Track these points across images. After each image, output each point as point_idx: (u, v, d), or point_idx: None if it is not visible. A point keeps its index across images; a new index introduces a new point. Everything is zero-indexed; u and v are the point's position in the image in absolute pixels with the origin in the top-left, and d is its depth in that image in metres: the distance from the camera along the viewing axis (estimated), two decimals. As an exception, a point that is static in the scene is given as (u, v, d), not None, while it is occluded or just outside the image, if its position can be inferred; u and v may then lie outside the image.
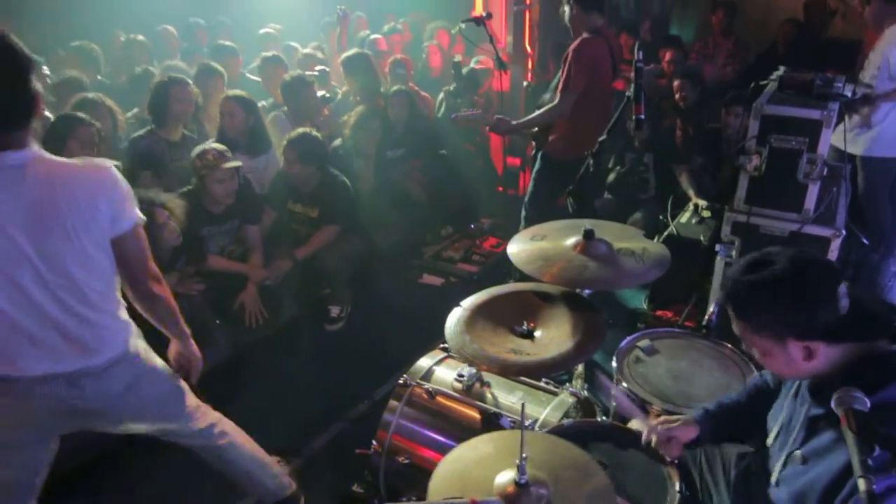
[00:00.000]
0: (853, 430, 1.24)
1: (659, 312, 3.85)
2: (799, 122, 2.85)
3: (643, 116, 2.54)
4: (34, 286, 1.77)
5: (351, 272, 3.96)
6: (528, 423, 1.90)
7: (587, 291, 2.58)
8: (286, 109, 4.40)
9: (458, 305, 2.35)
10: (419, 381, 2.43)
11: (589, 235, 2.33)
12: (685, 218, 4.00)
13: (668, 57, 5.41)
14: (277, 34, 6.01)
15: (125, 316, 2.02)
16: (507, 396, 2.37)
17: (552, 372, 2.40)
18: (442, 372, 2.49)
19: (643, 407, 2.14)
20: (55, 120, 3.23)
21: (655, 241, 3.15)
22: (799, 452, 1.53)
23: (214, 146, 3.38)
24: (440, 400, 2.37)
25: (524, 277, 2.42)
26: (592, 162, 2.93)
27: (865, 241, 3.47)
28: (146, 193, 2.80)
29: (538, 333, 2.23)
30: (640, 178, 4.48)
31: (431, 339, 2.89)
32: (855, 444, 1.22)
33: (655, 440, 1.86)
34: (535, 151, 4.09)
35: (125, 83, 4.76)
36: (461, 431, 2.24)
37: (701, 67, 5.66)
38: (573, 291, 2.41)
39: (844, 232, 2.94)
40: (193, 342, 2.23)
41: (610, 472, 1.76)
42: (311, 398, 3.37)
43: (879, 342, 1.44)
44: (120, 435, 2.12)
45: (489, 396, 2.36)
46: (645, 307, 3.94)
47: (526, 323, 2.25)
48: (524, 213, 4.10)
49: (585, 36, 3.67)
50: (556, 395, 2.41)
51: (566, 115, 3.69)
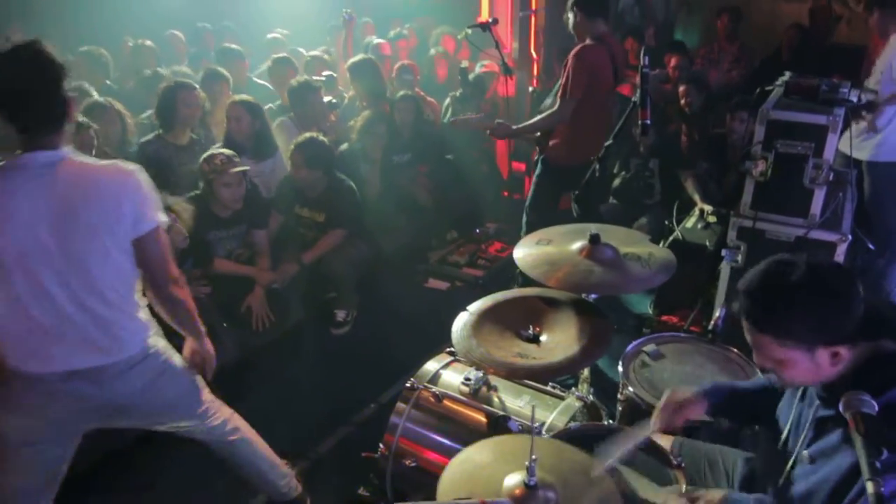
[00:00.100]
0: (861, 433, 1.25)
1: (664, 317, 3.86)
2: (805, 127, 2.86)
3: (649, 121, 2.56)
4: (55, 285, 1.82)
5: (357, 276, 3.98)
6: (535, 426, 1.91)
7: (593, 296, 2.59)
8: (293, 115, 4.42)
9: (464, 310, 2.36)
10: (426, 384, 2.43)
11: (595, 240, 2.34)
12: (690, 223, 4.01)
13: (673, 63, 5.41)
14: (284, 39, 6.04)
15: (145, 316, 2.06)
16: (513, 400, 2.37)
17: (559, 376, 2.42)
18: (449, 376, 2.50)
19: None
20: None
21: (661, 246, 3.16)
22: (806, 452, 1.53)
23: (222, 151, 3.41)
24: (447, 403, 2.38)
25: (527, 281, 2.43)
26: (598, 167, 2.95)
27: (871, 246, 3.46)
28: None
29: (544, 338, 2.24)
30: (645, 183, 4.49)
31: (437, 342, 2.91)
32: (863, 446, 1.22)
33: (661, 418, 1.85)
34: (537, 156, 4.11)
35: (133, 88, 4.79)
36: (468, 435, 2.24)
37: (706, 73, 5.66)
38: (579, 296, 2.42)
39: (850, 237, 2.95)
40: (208, 340, 2.28)
41: (616, 475, 1.77)
42: (317, 401, 3.38)
43: (883, 341, 1.45)
44: (132, 434, 2.14)
45: (496, 400, 2.37)
46: (650, 312, 3.94)
47: (532, 327, 2.26)
48: (525, 217, 4.12)
49: (586, 42, 3.67)
50: (562, 399, 2.42)
51: (566, 120, 3.70)
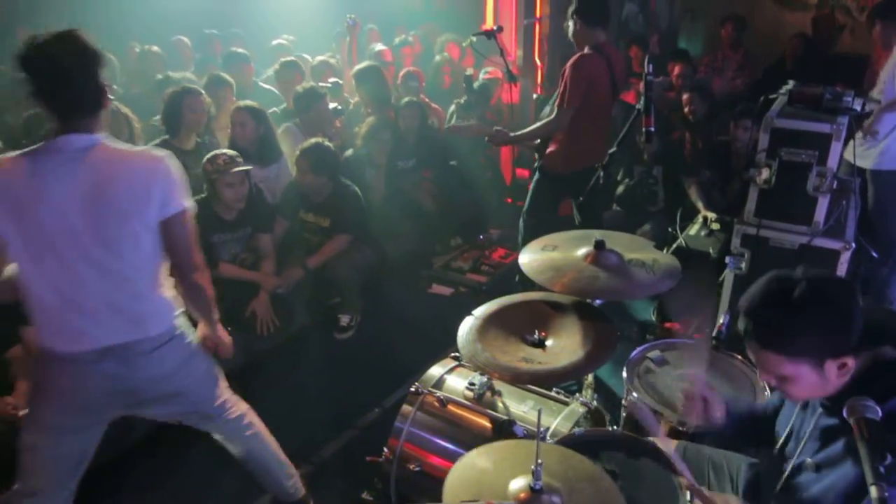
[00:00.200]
0: (865, 438, 1.26)
1: (667, 324, 3.86)
2: (809, 135, 2.88)
3: (653, 128, 2.58)
4: (86, 264, 1.88)
5: (361, 281, 3.99)
6: (540, 431, 1.91)
7: (598, 302, 2.60)
8: (298, 120, 4.45)
9: (469, 314, 2.37)
10: (431, 389, 2.44)
11: (600, 246, 2.36)
12: (694, 230, 4.01)
13: (676, 71, 5.44)
14: (290, 45, 6.08)
15: (171, 296, 2.11)
16: (518, 406, 2.38)
17: (564, 381, 2.42)
18: (453, 381, 2.50)
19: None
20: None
21: (664, 253, 3.17)
22: (812, 461, 1.54)
23: (225, 151, 3.42)
24: (451, 408, 2.38)
25: (526, 283, 2.44)
26: (602, 174, 2.97)
27: (874, 254, 3.47)
28: None
29: (549, 343, 2.25)
30: (649, 190, 4.51)
31: (441, 348, 2.92)
32: (867, 451, 1.23)
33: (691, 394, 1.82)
34: (535, 163, 4.13)
35: (143, 93, 4.81)
36: (472, 440, 2.24)
37: (710, 81, 5.69)
38: (584, 301, 2.43)
39: (854, 245, 2.96)
40: (221, 327, 2.34)
41: (621, 481, 1.78)
42: (321, 406, 3.38)
43: (885, 348, 1.46)
44: (137, 435, 2.16)
45: (500, 405, 2.37)
46: (653, 319, 3.95)
47: (537, 332, 2.27)
48: (521, 223, 4.15)
49: (584, 52, 3.67)
50: (566, 404, 2.42)
51: (563, 129, 3.71)
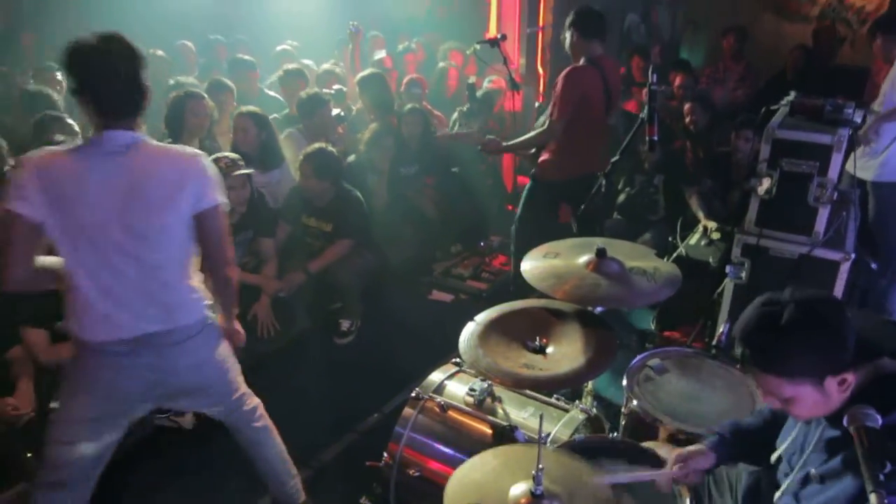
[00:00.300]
0: (865, 446, 1.27)
1: (667, 333, 3.87)
2: (810, 146, 2.90)
3: (656, 137, 2.60)
4: (123, 255, 1.95)
5: (362, 286, 4.00)
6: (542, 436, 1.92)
7: (599, 309, 2.61)
8: (301, 126, 4.47)
9: (471, 320, 2.38)
10: (431, 394, 2.44)
11: (601, 254, 2.37)
12: (694, 239, 4.03)
13: (678, 81, 5.47)
14: (294, 51, 6.11)
15: (201, 288, 2.17)
16: (518, 412, 2.38)
17: (565, 387, 2.43)
18: (454, 386, 2.51)
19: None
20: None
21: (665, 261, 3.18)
22: (816, 472, 1.54)
23: (227, 154, 3.44)
24: (452, 414, 2.39)
25: (524, 288, 2.45)
26: (604, 182, 2.99)
27: (873, 265, 3.49)
28: None
29: (550, 349, 2.26)
30: (649, 199, 4.53)
31: (441, 353, 2.93)
32: (866, 459, 1.24)
33: (669, 484, 1.87)
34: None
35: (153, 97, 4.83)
36: (472, 445, 2.25)
37: (711, 91, 5.72)
38: (585, 309, 2.44)
39: (854, 256, 2.97)
40: (237, 321, 2.42)
41: (620, 488, 1.78)
42: (321, 410, 3.38)
43: (884, 360, 1.47)
44: (138, 435, 2.18)
45: (500, 411, 2.38)
46: (653, 328, 3.96)
47: (538, 339, 2.28)
48: (512, 230, 4.18)
49: (577, 64, 3.68)
50: (566, 411, 2.42)
51: (555, 139, 3.73)
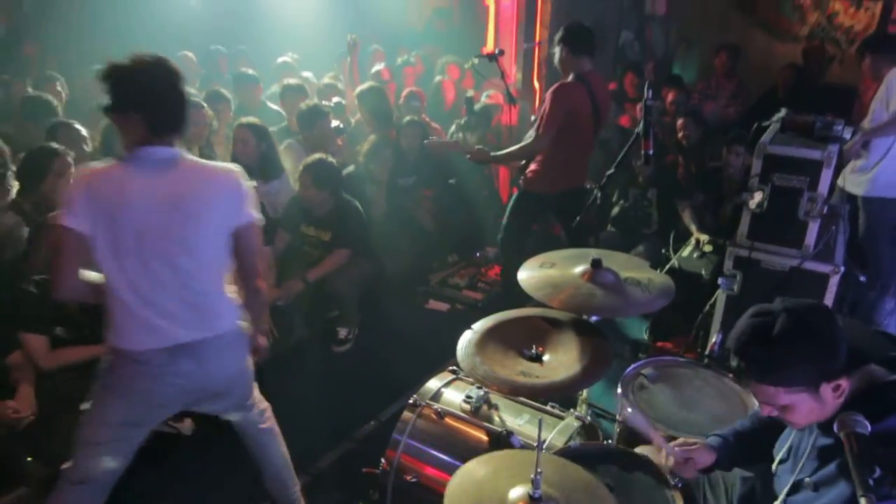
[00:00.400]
0: (854, 451, 1.30)
1: (659, 343, 3.92)
2: (800, 161, 2.97)
3: (651, 152, 2.66)
4: (163, 265, 2.01)
5: (360, 295, 4.03)
6: (535, 444, 1.96)
7: (594, 319, 2.66)
8: (301, 137, 4.51)
9: (468, 329, 2.42)
10: (428, 401, 2.48)
11: (597, 264, 2.42)
12: (687, 252, 4.09)
13: (670, 97, 5.56)
14: (294, 63, 6.17)
15: (235, 298, 2.23)
16: (514, 419, 2.42)
17: (560, 394, 2.46)
18: (450, 394, 2.55)
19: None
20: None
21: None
22: (810, 480, 1.58)
23: (227, 165, 3.47)
24: (449, 421, 2.42)
25: (519, 295, 2.49)
26: (599, 194, 3.04)
27: (862, 278, 3.55)
28: None
29: (547, 357, 2.30)
30: (643, 212, 4.59)
31: (437, 362, 2.97)
32: (856, 464, 1.28)
33: (672, 461, 1.89)
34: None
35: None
36: (469, 452, 2.26)
37: (703, 106, 5.82)
38: (580, 318, 2.49)
39: (843, 269, 3.03)
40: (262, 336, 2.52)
41: (616, 494, 1.81)
42: (318, 417, 3.40)
43: (875, 368, 1.51)
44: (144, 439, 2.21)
45: (497, 419, 2.41)
46: (646, 338, 4.01)
47: (535, 347, 2.32)
48: (499, 238, 4.24)
49: (565, 80, 3.71)
50: (561, 419, 2.46)
51: (541, 152, 3.78)
